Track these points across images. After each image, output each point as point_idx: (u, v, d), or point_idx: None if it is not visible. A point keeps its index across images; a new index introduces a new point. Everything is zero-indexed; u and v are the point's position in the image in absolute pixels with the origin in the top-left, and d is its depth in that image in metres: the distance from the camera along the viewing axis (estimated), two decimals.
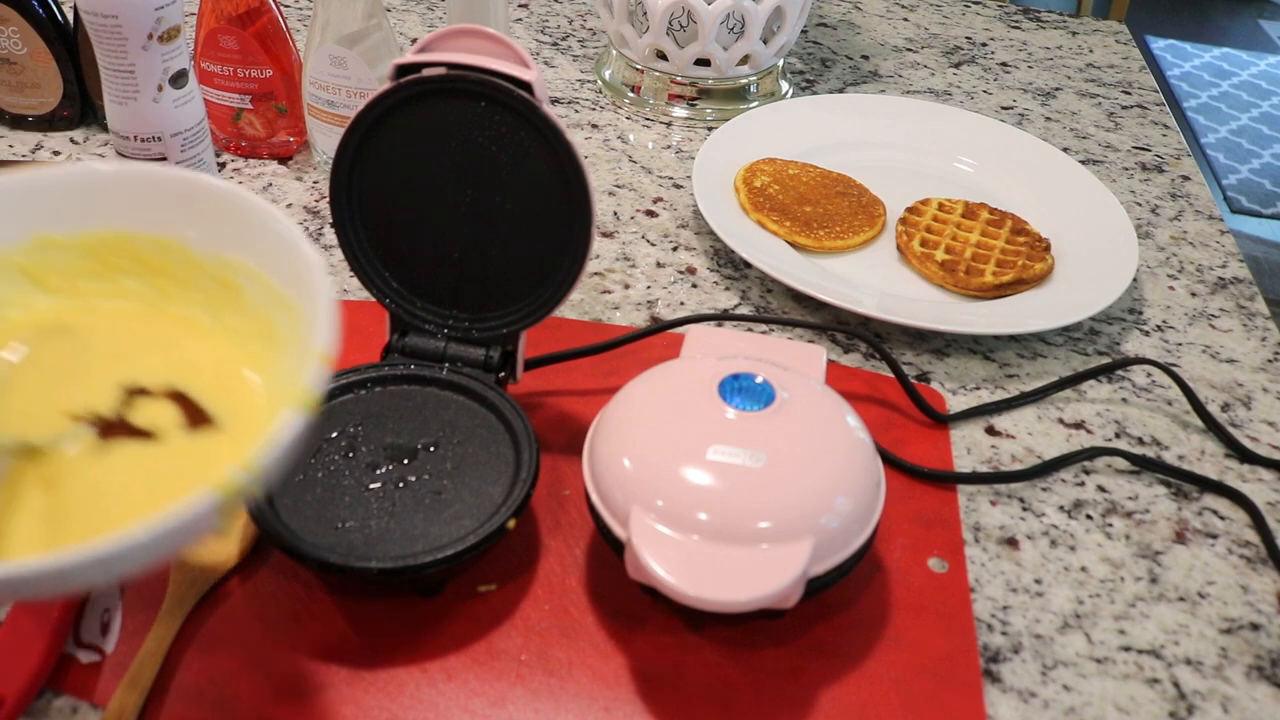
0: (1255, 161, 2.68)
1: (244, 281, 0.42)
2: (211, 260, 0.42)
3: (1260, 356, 0.68)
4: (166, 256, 0.43)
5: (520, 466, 0.48)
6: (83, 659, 0.44)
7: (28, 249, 0.42)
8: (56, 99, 0.77)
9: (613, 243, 0.73)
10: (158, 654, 0.44)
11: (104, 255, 0.43)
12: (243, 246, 0.41)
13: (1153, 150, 0.91)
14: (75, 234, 0.42)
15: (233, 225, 0.41)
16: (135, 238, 0.42)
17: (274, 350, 0.41)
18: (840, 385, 0.61)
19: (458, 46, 0.49)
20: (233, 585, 0.47)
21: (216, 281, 0.42)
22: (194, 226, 0.42)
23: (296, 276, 0.39)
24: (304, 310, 0.39)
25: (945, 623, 0.49)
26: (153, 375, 0.40)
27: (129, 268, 0.43)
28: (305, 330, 0.38)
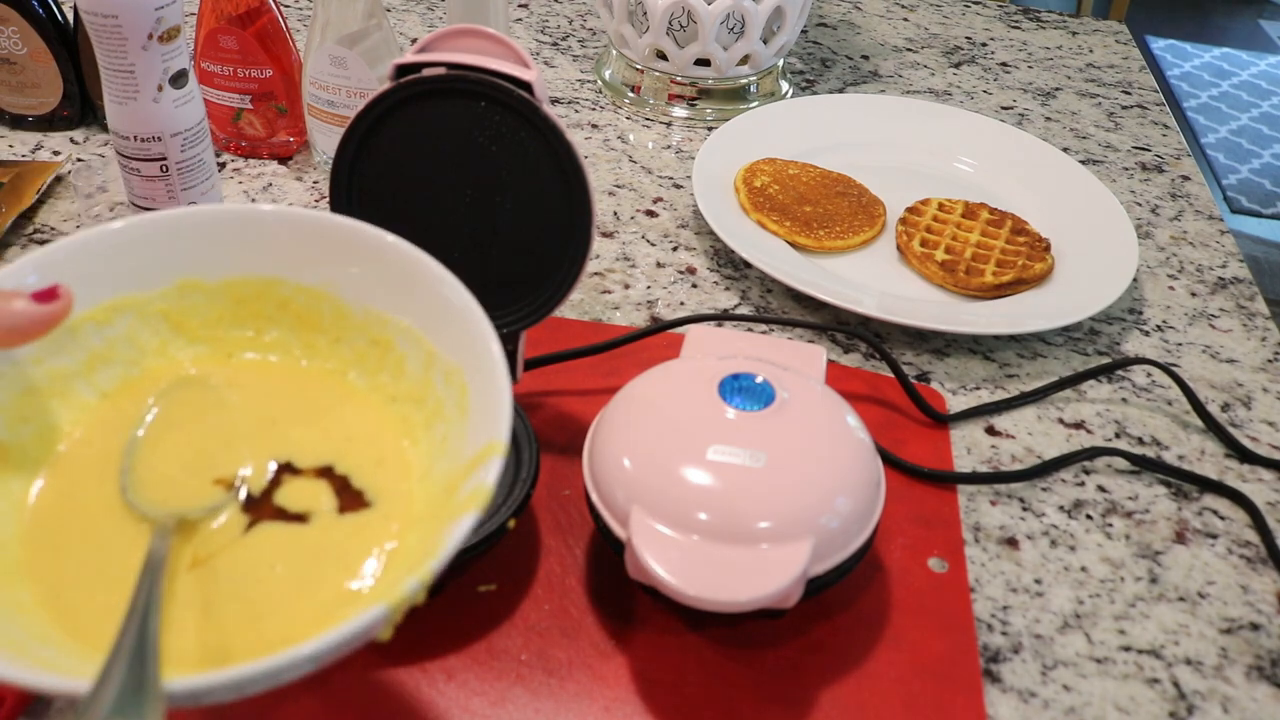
0: (1255, 161, 2.68)
1: (401, 342, 0.39)
2: (366, 316, 0.39)
3: (1260, 356, 0.68)
4: (318, 307, 0.40)
5: (520, 466, 0.48)
6: None
7: (170, 294, 0.39)
8: (56, 99, 0.77)
9: (613, 243, 0.73)
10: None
11: (249, 302, 0.40)
12: (401, 305, 0.39)
13: (1153, 150, 0.91)
14: (221, 279, 0.40)
15: (394, 282, 0.38)
16: (285, 284, 0.40)
17: (431, 420, 0.38)
18: (840, 385, 0.61)
19: (458, 46, 0.49)
20: None
21: (370, 340, 0.40)
22: (350, 278, 0.39)
23: (462, 345, 0.36)
24: (469, 382, 0.36)
25: (945, 623, 0.49)
26: (302, 445, 0.38)
27: (276, 317, 0.40)
28: (472, 407, 0.35)
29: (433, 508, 0.35)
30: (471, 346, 0.36)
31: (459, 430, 0.36)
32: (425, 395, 0.38)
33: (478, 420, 0.35)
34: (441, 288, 0.37)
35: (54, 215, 0.70)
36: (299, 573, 0.34)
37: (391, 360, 0.40)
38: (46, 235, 0.68)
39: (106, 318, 0.39)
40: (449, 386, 0.37)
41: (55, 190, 0.72)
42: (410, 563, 0.31)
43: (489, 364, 0.35)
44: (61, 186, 0.73)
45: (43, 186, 0.70)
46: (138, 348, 0.39)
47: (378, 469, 0.38)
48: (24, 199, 0.69)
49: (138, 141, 0.61)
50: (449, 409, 0.37)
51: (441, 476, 0.36)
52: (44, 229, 0.69)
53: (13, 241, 0.67)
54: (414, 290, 0.38)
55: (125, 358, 0.39)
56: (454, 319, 0.37)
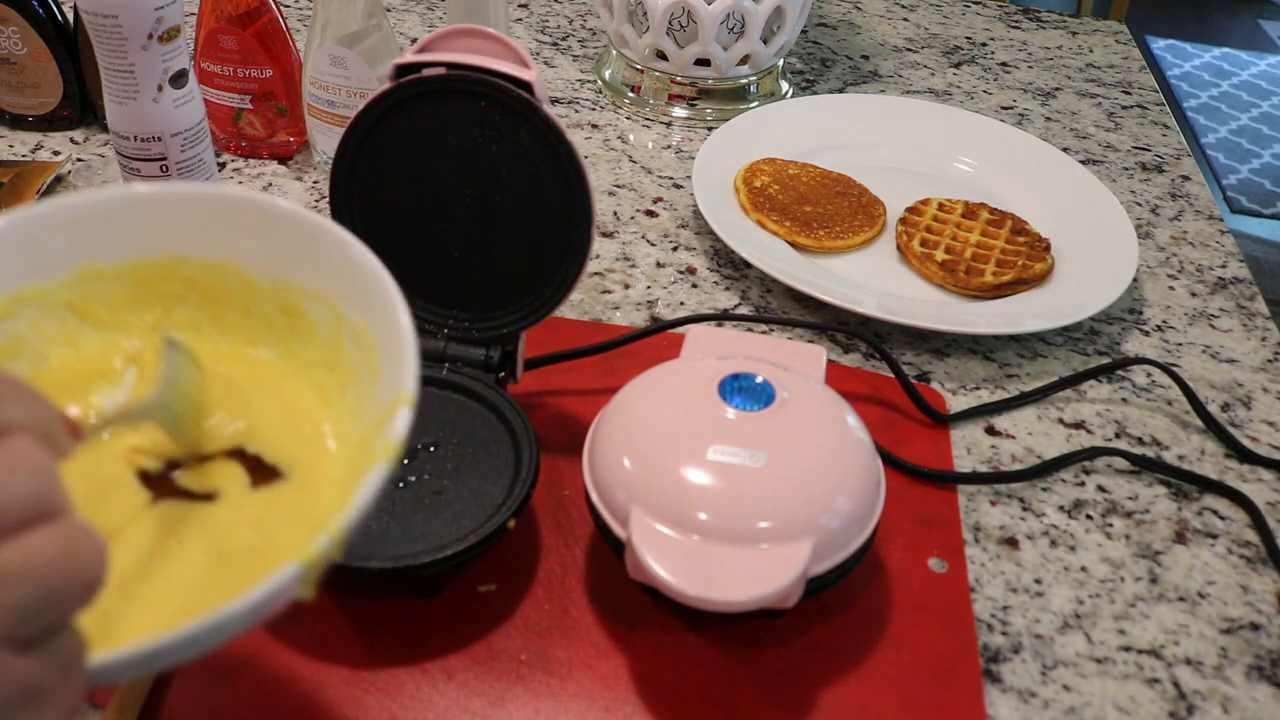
0: (1255, 161, 2.68)
1: (309, 308, 0.39)
2: (273, 284, 0.39)
3: (1260, 356, 0.68)
4: (223, 281, 0.40)
5: (520, 466, 0.48)
6: None
7: (71, 282, 0.39)
8: (56, 99, 0.77)
9: (613, 243, 0.73)
10: None
11: (154, 283, 0.40)
12: (305, 270, 0.38)
13: (1153, 150, 0.91)
14: (121, 262, 0.39)
15: (295, 247, 0.38)
16: (188, 262, 0.39)
17: (343, 383, 0.38)
18: (840, 385, 0.61)
19: (458, 46, 0.49)
20: None
21: (279, 307, 0.40)
22: (252, 249, 0.39)
23: (368, 304, 0.36)
24: (377, 340, 0.36)
25: (945, 623, 0.49)
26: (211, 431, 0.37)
27: (183, 295, 0.40)
28: (382, 365, 0.35)
29: (351, 468, 0.35)
30: (376, 304, 0.36)
31: (371, 390, 0.36)
32: (337, 359, 0.38)
33: (387, 377, 0.35)
34: (344, 249, 0.37)
35: None
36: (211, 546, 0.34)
37: (302, 327, 0.40)
38: None
39: (8, 311, 0.37)
40: (359, 347, 0.37)
41: (55, 190, 0.72)
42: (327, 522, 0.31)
43: (394, 319, 0.35)
44: (62, 186, 0.73)
45: (43, 186, 0.70)
46: (44, 338, 0.39)
47: (292, 441, 0.38)
48: (24, 199, 0.69)
49: (138, 141, 0.61)
50: (361, 370, 0.37)
51: (358, 437, 0.36)
52: None
53: None
54: (317, 254, 0.38)
55: (32, 351, 0.38)
56: (358, 279, 0.37)
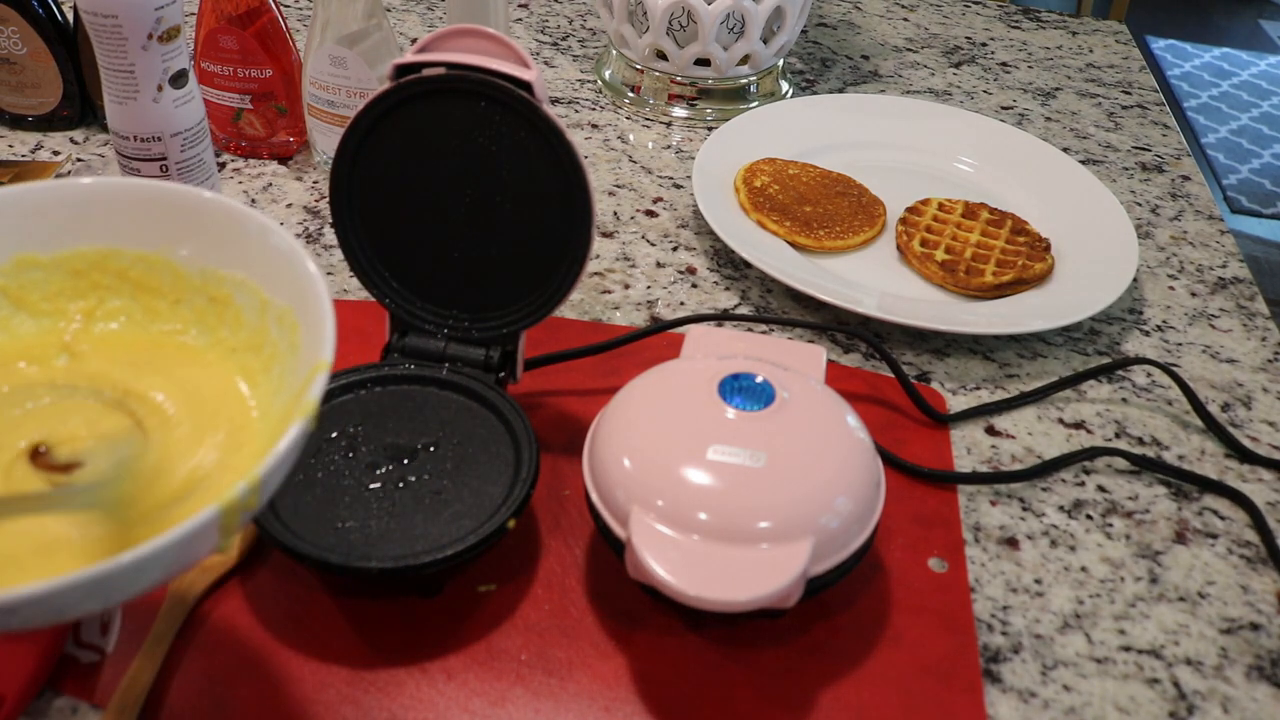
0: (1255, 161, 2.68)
1: (235, 294, 0.41)
2: (200, 275, 0.41)
3: (1260, 356, 0.68)
4: (154, 273, 0.42)
5: (520, 466, 0.48)
6: (83, 659, 0.44)
7: (8, 270, 0.40)
8: (56, 99, 0.77)
9: (613, 243, 0.73)
10: (158, 654, 0.44)
11: (88, 273, 0.41)
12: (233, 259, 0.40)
13: (1153, 150, 0.91)
14: (57, 253, 0.41)
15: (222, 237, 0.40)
16: (120, 254, 0.41)
17: (267, 363, 0.40)
18: (840, 385, 0.61)
19: (458, 46, 0.49)
20: (233, 585, 0.47)
21: (207, 297, 0.41)
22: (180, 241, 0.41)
23: (291, 287, 0.38)
24: (300, 320, 0.38)
25: (945, 623, 0.49)
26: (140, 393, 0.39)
27: (115, 286, 0.42)
28: (302, 340, 0.37)
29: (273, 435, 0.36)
30: (299, 286, 0.38)
31: (292, 365, 0.38)
32: (262, 342, 0.40)
33: (307, 350, 0.36)
34: (267, 236, 0.39)
35: None
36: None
37: (230, 314, 0.41)
38: None
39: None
40: (282, 328, 0.39)
41: None
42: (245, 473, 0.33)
43: (315, 298, 0.36)
44: None
45: None
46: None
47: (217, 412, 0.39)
48: None
49: (138, 141, 0.61)
50: (283, 348, 0.39)
51: (279, 409, 0.38)
52: None
53: None
54: (241, 243, 0.40)
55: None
56: (281, 264, 0.38)
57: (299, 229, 0.71)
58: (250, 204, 0.73)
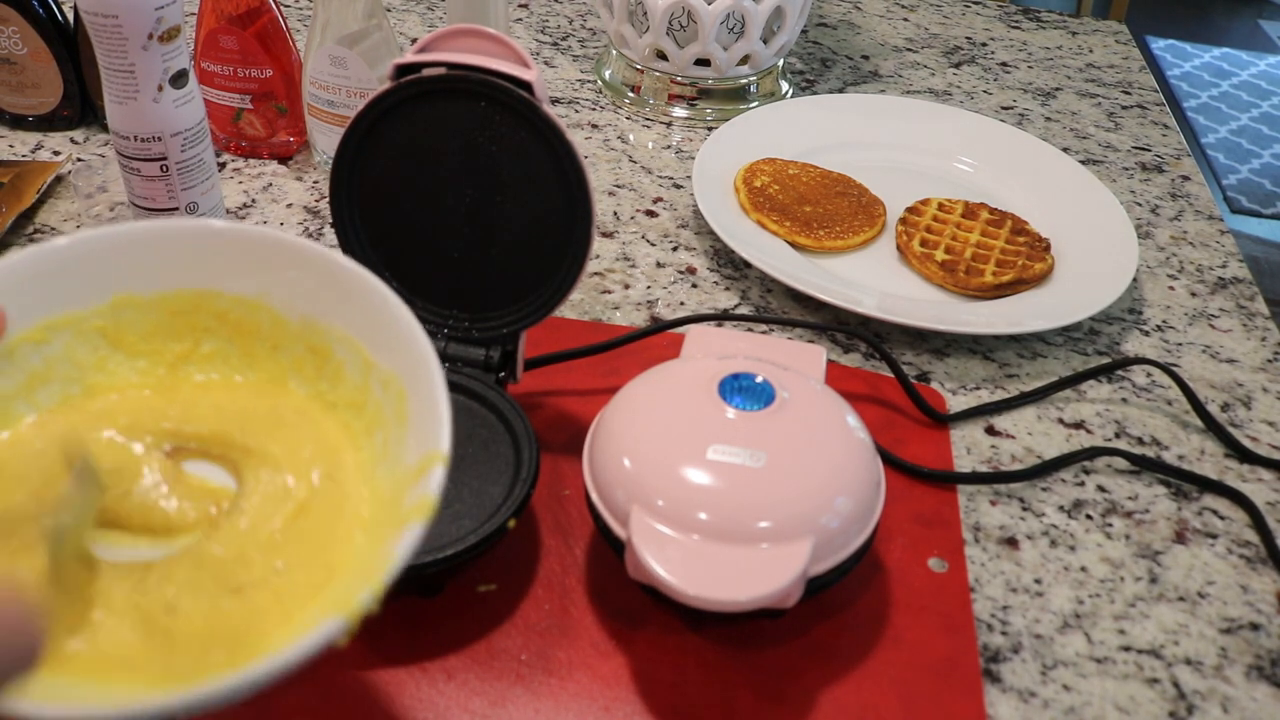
0: (1255, 161, 2.68)
1: (338, 350, 0.39)
2: (303, 324, 0.40)
3: (1260, 356, 0.68)
4: (255, 317, 0.40)
5: (520, 466, 0.48)
6: None
7: (106, 310, 0.39)
8: (56, 99, 0.77)
9: (613, 243, 0.73)
10: None
11: (186, 314, 0.40)
12: (338, 313, 0.39)
13: (1153, 150, 0.91)
14: (156, 293, 0.40)
15: (329, 290, 0.39)
16: (220, 296, 0.40)
17: (370, 426, 0.38)
18: (840, 385, 0.61)
19: (458, 46, 0.49)
20: None
21: (308, 347, 0.40)
22: (284, 289, 0.40)
23: (399, 353, 0.37)
24: (407, 389, 0.36)
25: (945, 623, 0.49)
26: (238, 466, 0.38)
27: (213, 327, 0.41)
28: (410, 413, 0.36)
29: (380, 513, 0.35)
30: (407, 354, 0.36)
31: (398, 437, 0.36)
32: (364, 401, 0.39)
33: (417, 428, 0.35)
34: (374, 296, 0.38)
35: (54, 215, 0.70)
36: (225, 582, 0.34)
37: (330, 368, 0.40)
38: (46, 235, 0.68)
39: (43, 337, 0.39)
40: (387, 393, 0.38)
41: (55, 190, 0.72)
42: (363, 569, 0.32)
43: (426, 372, 0.35)
44: (62, 186, 0.73)
45: (43, 186, 0.70)
46: (76, 365, 0.40)
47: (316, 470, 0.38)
48: (24, 199, 0.69)
49: (138, 141, 0.61)
50: (387, 415, 0.37)
51: (385, 482, 0.36)
52: (44, 229, 0.69)
53: (13, 241, 0.67)
54: (348, 298, 0.38)
55: (64, 375, 0.39)
56: (388, 326, 0.37)
57: (299, 229, 0.71)
58: (250, 204, 0.73)
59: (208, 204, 0.65)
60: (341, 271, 0.38)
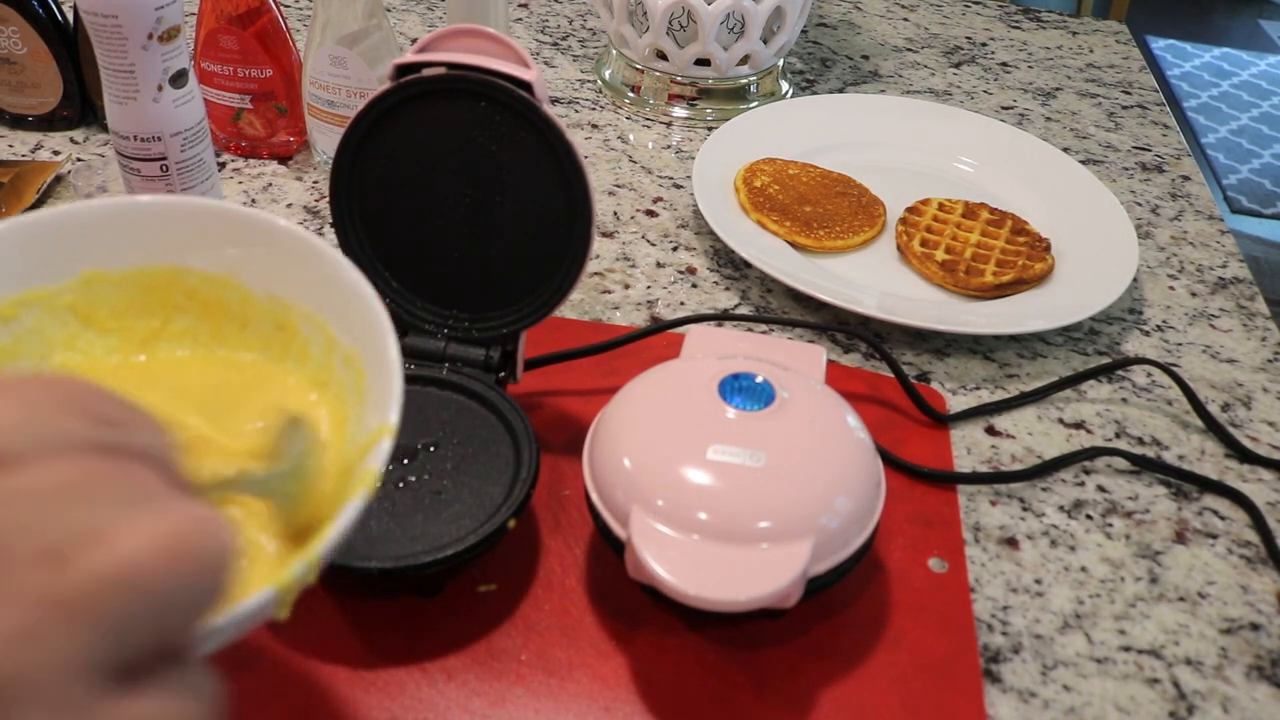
0: (1255, 161, 2.68)
1: (304, 327, 0.40)
2: (270, 302, 0.40)
3: (1260, 356, 0.68)
4: (224, 295, 0.41)
5: (520, 466, 0.48)
6: None
7: (76, 286, 0.40)
8: (56, 99, 0.77)
9: (613, 243, 0.73)
10: None
11: (156, 291, 0.41)
12: (303, 290, 0.40)
13: (1153, 150, 0.91)
14: (126, 269, 0.40)
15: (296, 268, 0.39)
16: (189, 273, 0.41)
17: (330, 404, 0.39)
18: (840, 385, 0.61)
19: (458, 46, 0.49)
20: None
21: (275, 325, 0.41)
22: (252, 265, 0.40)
23: (360, 329, 0.37)
24: (366, 367, 0.37)
25: (945, 623, 0.49)
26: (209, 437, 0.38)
27: (183, 304, 0.41)
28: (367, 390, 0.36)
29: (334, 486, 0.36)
30: (368, 330, 0.37)
31: (357, 414, 0.37)
32: (328, 379, 0.39)
33: (373, 404, 0.36)
34: (338, 272, 0.38)
35: None
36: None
37: (296, 345, 0.41)
38: None
39: (13, 313, 0.39)
40: (349, 370, 0.38)
41: (55, 190, 0.72)
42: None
43: (383, 348, 0.36)
44: (61, 186, 0.73)
45: (43, 186, 0.70)
46: (46, 341, 0.40)
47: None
48: (24, 199, 0.69)
49: (138, 141, 0.61)
50: (348, 393, 0.38)
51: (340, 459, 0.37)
52: None
53: None
54: (313, 276, 0.39)
55: (34, 352, 0.39)
56: (351, 303, 0.38)
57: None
58: (250, 204, 0.73)
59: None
60: (306, 248, 0.39)
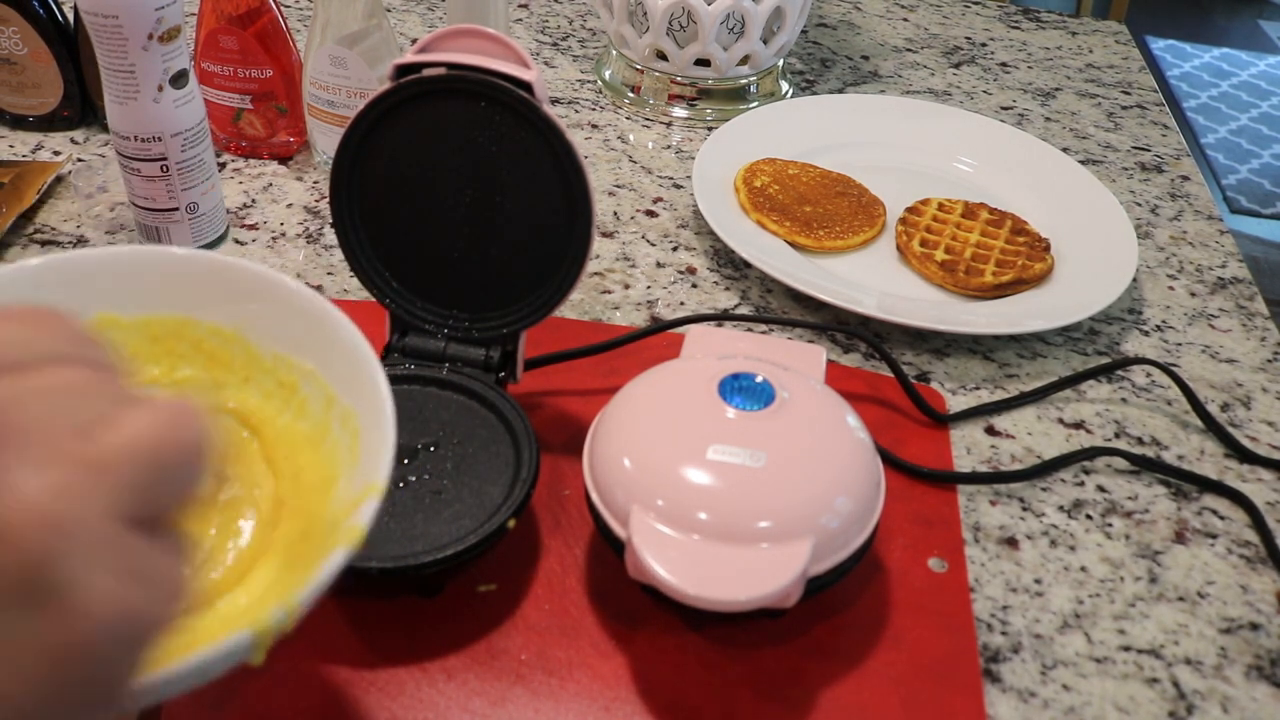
0: (1255, 161, 2.68)
1: (304, 385, 0.41)
2: (274, 359, 0.42)
3: (1260, 356, 0.68)
4: (229, 349, 0.42)
5: (520, 466, 0.48)
6: None
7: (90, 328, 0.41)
8: (57, 99, 0.77)
9: (613, 243, 0.73)
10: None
11: (164, 340, 0.42)
12: (308, 350, 0.41)
13: (1152, 150, 0.91)
14: (137, 316, 0.41)
15: (300, 327, 0.40)
16: (198, 325, 0.42)
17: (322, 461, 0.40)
18: (840, 385, 0.61)
19: (458, 46, 0.49)
20: None
21: (277, 382, 0.42)
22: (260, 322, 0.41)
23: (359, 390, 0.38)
24: (361, 426, 0.38)
25: (945, 623, 0.49)
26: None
27: (188, 354, 0.42)
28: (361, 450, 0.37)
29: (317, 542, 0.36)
30: (366, 391, 0.38)
31: (349, 473, 0.38)
32: (323, 437, 0.40)
33: (365, 463, 0.37)
34: (340, 332, 0.39)
35: (54, 215, 0.70)
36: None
37: (296, 402, 0.41)
38: (47, 235, 0.68)
39: None
40: (344, 429, 0.39)
41: (56, 190, 0.72)
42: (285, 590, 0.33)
43: (379, 409, 0.37)
44: (62, 186, 0.73)
45: (43, 187, 0.70)
46: None
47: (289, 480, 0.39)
48: (24, 199, 0.69)
49: (138, 141, 0.61)
50: (343, 452, 0.39)
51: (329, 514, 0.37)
52: (44, 229, 0.69)
53: (13, 242, 0.67)
54: (317, 334, 0.40)
55: None
56: (352, 364, 0.39)
57: (299, 229, 0.71)
58: (250, 204, 0.73)
59: (208, 204, 0.65)
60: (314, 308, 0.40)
